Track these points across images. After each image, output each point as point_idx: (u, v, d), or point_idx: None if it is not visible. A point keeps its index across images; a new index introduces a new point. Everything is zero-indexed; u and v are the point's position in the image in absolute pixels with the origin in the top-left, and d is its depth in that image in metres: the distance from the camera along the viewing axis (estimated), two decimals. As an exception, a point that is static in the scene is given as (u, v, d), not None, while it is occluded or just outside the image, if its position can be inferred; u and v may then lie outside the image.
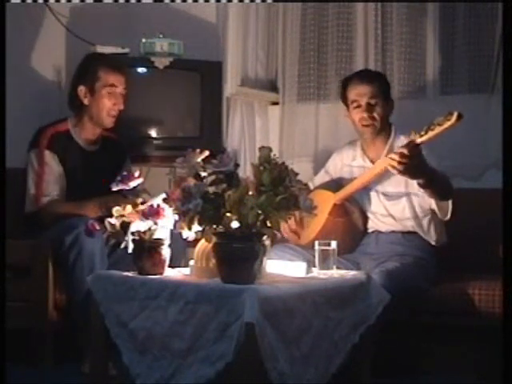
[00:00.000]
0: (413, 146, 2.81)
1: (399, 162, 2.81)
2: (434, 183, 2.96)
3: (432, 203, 3.09)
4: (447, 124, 2.75)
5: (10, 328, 2.56)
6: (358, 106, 3.20)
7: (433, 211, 3.13)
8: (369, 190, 3.23)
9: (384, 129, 3.23)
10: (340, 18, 4.01)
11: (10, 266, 2.90)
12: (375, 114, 3.18)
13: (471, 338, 2.99)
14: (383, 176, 3.13)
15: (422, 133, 2.82)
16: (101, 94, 3.32)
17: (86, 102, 3.34)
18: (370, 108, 3.18)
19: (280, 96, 4.14)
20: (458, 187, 3.10)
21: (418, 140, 2.82)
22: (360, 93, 3.20)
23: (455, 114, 2.73)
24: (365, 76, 3.27)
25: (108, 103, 3.32)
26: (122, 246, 2.57)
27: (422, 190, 3.01)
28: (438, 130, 2.77)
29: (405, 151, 2.80)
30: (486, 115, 3.64)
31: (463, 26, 3.79)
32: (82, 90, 3.35)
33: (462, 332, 2.98)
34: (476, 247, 3.32)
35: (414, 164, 2.81)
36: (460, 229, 3.13)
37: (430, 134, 2.79)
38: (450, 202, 3.08)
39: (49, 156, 3.29)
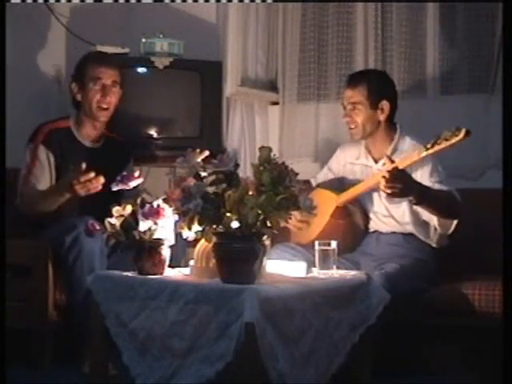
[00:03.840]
0: (396, 171, 2.84)
1: (385, 186, 2.84)
2: (428, 201, 2.97)
3: (433, 219, 3.09)
4: (455, 140, 2.78)
5: (9, 328, 2.56)
6: (345, 109, 3.24)
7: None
8: (371, 191, 3.23)
9: (389, 129, 3.22)
10: (340, 18, 4.01)
11: (10, 266, 2.90)
12: (357, 118, 3.19)
13: (471, 338, 2.99)
14: None
15: (429, 146, 2.85)
16: (88, 87, 3.35)
17: (78, 98, 3.40)
18: (350, 112, 3.20)
19: (280, 96, 4.14)
20: (458, 187, 3.10)
21: (401, 165, 2.87)
22: (345, 96, 3.25)
23: (463, 131, 2.76)
24: (352, 79, 3.27)
25: (95, 96, 3.34)
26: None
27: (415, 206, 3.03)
28: (444, 144, 2.81)
29: (387, 175, 2.82)
30: (486, 115, 3.64)
31: (463, 26, 3.80)
32: (74, 86, 3.40)
33: (461, 332, 2.98)
34: (476, 247, 3.31)
35: (402, 187, 2.83)
36: (460, 229, 3.13)
37: (436, 148, 2.83)
38: (454, 222, 3.08)
39: (42, 151, 3.32)
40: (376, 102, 3.18)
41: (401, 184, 2.83)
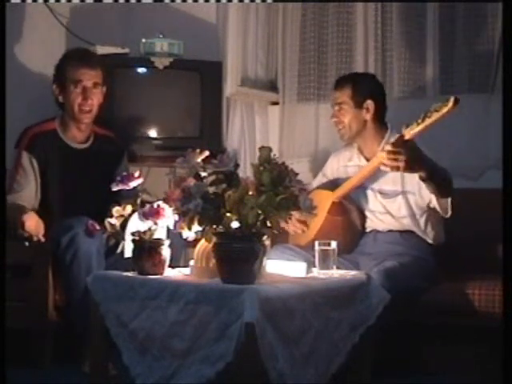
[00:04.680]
0: (402, 142, 2.77)
1: (388, 159, 2.78)
2: (436, 176, 2.94)
3: (433, 200, 3.08)
4: (445, 109, 2.69)
5: (9, 328, 2.56)
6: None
7: (431, 209, 3.12)
8: (365, 189, 3.24)
9: (379, 129, 3.24)
10: (340, 18, 4.02)
11: (10, 266, 2.90)
12: (343, 118, 3.23)
13: (471, 338, 2.99)
14: (379, 174, 3.13)
15: (419, 121, 2.76)
16: (69, 90, 3.31)
17: (60, 100, 3.36)
18: (337, 112, 3.25)
19: (280, 96, 4.15)
20: (458, 187, 3.10)
21: (407, 135, 2.78)
22: (332, 98, 3.31)
23: (452, 99, 2.69)
24: (338, 81, 3.33)
25: (76, 99, 3.30)
26: (119, 249, 2.57)
27: (423, 183, 2.97)
28: (435, 116, 2.71)
29: (389, 148, 2.76)
30: (486, 115, 3.64)
31: (463, 26, 3.79)
32: (55, 88, 3.37)
33: (462, 332, 2.98)
34: (476, 247, 3.32)
35: (410, 158, 2.75)
36: (460, 229, 3.13)
37: (427, 121, 2.73)
38: (449, 200, 3.07)
39: (25, 158, 3.28)
40: (360, 101, 3.22)
41: (405, 156, 2.74)
